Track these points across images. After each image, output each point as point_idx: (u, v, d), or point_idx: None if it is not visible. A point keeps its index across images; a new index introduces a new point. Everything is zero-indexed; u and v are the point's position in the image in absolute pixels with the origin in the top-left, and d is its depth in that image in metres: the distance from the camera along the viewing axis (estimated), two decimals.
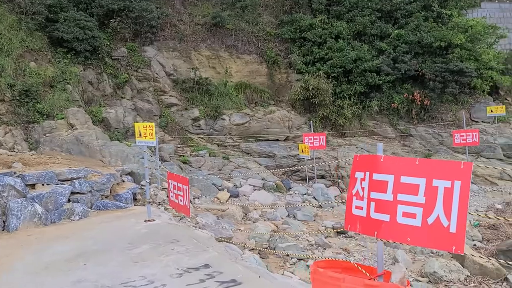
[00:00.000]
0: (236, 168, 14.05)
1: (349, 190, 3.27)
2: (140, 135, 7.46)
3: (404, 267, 4.91)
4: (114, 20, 15.51)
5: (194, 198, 10.74)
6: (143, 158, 8.44)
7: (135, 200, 9.34)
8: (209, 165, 13.83)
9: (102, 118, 13.54)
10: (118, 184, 9.42)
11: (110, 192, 8.89)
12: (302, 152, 13.82)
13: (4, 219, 7.09)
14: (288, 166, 13.78)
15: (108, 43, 15.12)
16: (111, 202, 8.56)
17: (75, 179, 8.39)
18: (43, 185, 7.96)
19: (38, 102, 12.34)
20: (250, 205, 10.84)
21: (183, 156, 13.98)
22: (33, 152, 11.27)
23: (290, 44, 18.04)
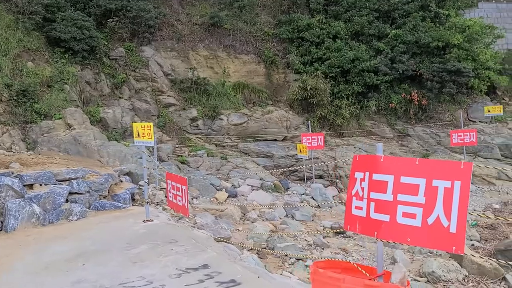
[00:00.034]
0: (234, 168, 14.05)
1: (348, 190, 3.26)
2: (138, 135, 7.44)
3: (404, 267, 4.92)
4: (111, 19, 15.48)
5: (192, 198, 10.72)
6: (141, 158, 8.43)
7: (133, 200, 9.32)
8: (207, 165, 13.82)
9: (100, 118, 13.51)
10: (116, 184, 9.40)
11: (108, 192, 8.88)
12: (300, 152, 13.82)
13: (2, 220, 7.06)
14: (286, 166, 13.80)
15: (105, 43, 15.10)
16: (109, 202, 8.54)
17: (73, 179, 8.37)
18: (41, 185, 7.94)
19: (36, 102, 12.31)
20: (249, 205, 10.84)
21: (181, 156, 13.97)
22: (30, 152, 11.23)
23: (288, 44, 18.05)
